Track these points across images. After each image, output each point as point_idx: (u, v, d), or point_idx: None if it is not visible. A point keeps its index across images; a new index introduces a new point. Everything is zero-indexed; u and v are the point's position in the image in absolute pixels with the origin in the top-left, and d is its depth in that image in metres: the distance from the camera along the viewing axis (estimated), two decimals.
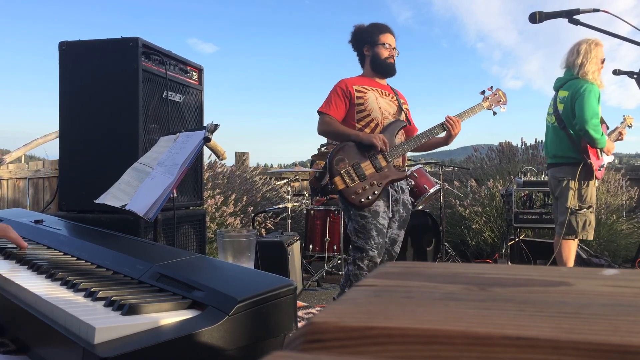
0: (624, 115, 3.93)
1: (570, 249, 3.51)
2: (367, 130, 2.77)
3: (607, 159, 3.64)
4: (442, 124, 2.82)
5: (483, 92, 3.01)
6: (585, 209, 3.44)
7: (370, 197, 2.68)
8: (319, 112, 2.83)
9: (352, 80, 2.87)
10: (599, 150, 3.43)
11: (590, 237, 3.53)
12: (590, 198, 3.45)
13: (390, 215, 2.81)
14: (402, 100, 2.95)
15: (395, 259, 2.89)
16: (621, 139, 3.87)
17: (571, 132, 3.41)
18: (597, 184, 3.60)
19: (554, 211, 3.71)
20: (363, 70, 2.99)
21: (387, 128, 2.78)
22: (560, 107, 3.48)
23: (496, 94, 3.00)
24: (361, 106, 2.78)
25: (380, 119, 2.79)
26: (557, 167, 3.55)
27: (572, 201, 3.43)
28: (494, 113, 3.01)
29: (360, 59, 2.99)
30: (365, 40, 2.92)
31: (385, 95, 2.87)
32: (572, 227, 3.46)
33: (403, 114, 2.90)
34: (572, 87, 3.39)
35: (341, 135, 2.77)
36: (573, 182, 3.43)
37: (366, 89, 2.82)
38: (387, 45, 2.87)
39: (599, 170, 3.46)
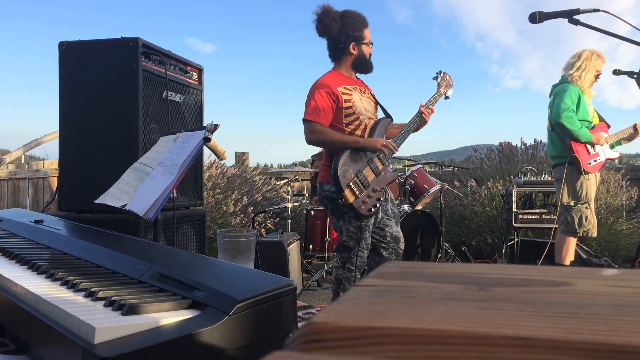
0: None
1: (569, 245, 3.53)
2: (358, 133, 2.62)
3: (603, 154, 3.60)
4: (419, 114, 2.75)
5: (436, 78, 2.97)
6: (579, 205, 3.47)
7: (377, 205, 2.58)
8: (305, 120, 2.54)
9: (332, 80, 2.61)
10: (587, 145, 3.47)
11: (593, 234, 3.54)
12: (586, 194, 3.47)
13: (381, 214, 2.77)
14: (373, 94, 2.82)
15: (401, 257, 2.86)
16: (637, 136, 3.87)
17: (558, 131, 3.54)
18: (598, 178, 3.60)
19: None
20: (338, 65, 2.70)
21: (376, 129, 2.66)
22: (549, 111, 3.64)
23: (445, 79, 2.97)
24: (349, 109, 2.58)
25: (367, 119, 2.66)
26: (555, 168, 3.67)
27: (565, 198, 3.51)
28: (447, 97, 2.95)
29: (338, 51, 2.68)
30: (352, 34, 2.64)
31: (363, 92, 2.69)
32: (568, 224, 3.51)
33: (378, 109, 2.79)
34: (556, 91, 3.56)
35: (339, 144, 2.52)
36: (563, 179, 3.51)
37: (349, 89, 2.62)
38: (370, 43, 2.72)
39: (590, 164, 3.48)
